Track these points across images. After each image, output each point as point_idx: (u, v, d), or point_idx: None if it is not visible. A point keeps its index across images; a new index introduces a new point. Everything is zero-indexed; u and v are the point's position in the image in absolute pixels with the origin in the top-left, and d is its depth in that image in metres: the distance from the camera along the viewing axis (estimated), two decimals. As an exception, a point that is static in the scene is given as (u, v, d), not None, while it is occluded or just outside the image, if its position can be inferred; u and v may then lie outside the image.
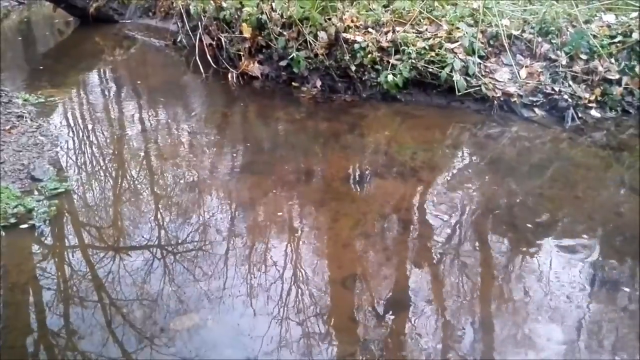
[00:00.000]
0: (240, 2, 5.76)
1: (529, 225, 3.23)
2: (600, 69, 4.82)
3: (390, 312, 2.62)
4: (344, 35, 5.19)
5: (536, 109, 4.76)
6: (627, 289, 2.72)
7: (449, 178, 3.85)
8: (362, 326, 2.53)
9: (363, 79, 5.19)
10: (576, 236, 3.15)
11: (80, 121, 4.94)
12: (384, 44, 5.09)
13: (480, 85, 4.82)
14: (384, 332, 2.49)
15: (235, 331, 2.46)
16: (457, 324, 2.53)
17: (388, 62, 5.03)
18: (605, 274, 2.83)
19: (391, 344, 2.44)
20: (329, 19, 5.27)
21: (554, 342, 2.41)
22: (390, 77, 4.93)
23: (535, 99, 4.79)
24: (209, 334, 2.44)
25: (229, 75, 5.71)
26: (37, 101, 5.06)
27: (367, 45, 5.07)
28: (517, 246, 3.05)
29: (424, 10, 5.31)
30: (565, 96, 4.71)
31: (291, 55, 5.34)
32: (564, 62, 4.90)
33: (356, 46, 5.10)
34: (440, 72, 4.83)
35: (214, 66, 5.95)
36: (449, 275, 2.85)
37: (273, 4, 5.54)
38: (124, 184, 3.86)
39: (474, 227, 3.28)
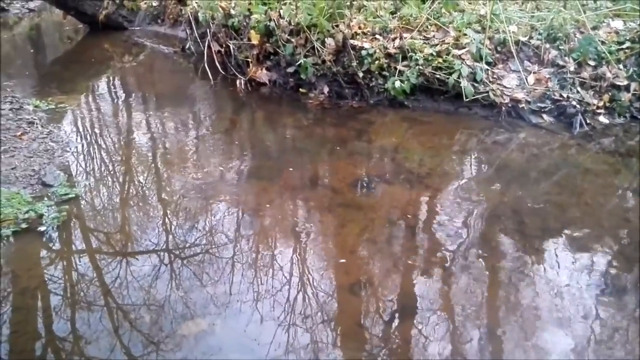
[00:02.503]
0: (249, 10, 5.80)
1: (538, 232, 3.22)
2: (608, 75, 4.81)
3: (398, 318, 2.62)
4: (352, 41, 5.21)
5: (544, 115, 4.75)
6: (636, 295, 2.70)
7: (456, 184, 3.85)
8: (369, 332, 2.53)
9: (370, 85, 5.21)
10: (585, 243, 3.13)
11: (90, 127, 4.99)
12: (392, 51, 5.10)
13: (487, 92, 4.82)
14: (391, 338, 2.49)
15: (242, 337, 2.47)
16: (465, 330, 2.52)
17: (395, 68, 5.04)
18: (614, 280, 2.82)
19: (398, 350, 2.44)
20: (337, 26, 5.30)
21: (563, 348, 2.40)
22: (397, 84, 4.94)
23: (543, 105, 4.78)
24: (216, 339, 2.45)
25: (237, 82, 5.74)
26: (47, 107, 5.12)
27: (375, 52, 5.09)
28: (525, 253, 3.04)
29: (431, 16, 5.32)
30: (574, 102, 4.70)
31: (299, 62, 5.37)
32: (572, 68, 4.90)
33: (363, 53, 5.12)
34: (448, 78, 4.83)
35: (222, 73, 5.99)
36: (456, 281, 2.85)
37: (281, 11, 5.58)
38: (132, 190, 3.89)
39: (482, 233, 3.27)
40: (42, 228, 3.22)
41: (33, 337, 2.49)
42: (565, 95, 4.76)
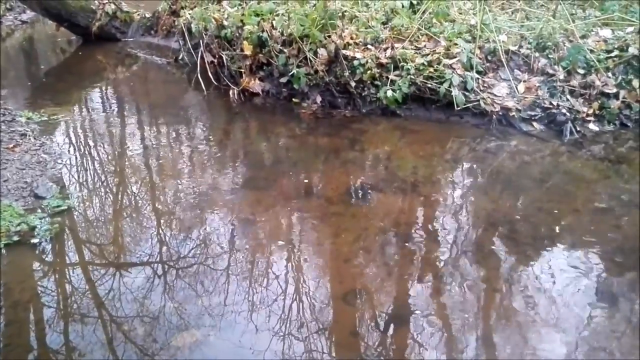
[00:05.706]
0: (241, 20, 5.84)
1: (529, 239, 3.24)
2: (597, 83, 4.87)
3: (392, 327, 2.62)
4: (344, 52, 5.25)
5: (535, 123, 4.80)
6: (627, 302, 2.73)
7: (448, 192, 3.88)
8: (363, 341, 2.54)
9: (363, 94, 5.24)
10: (576, 249, 3.16)
11: (82, 139, 4.98)
12: (383, 60, 5.14)
13: (478, 100, 4.87)
14: (385, 347, 2.49)
15: (237, 347, 2.46)
16: (458, 338, 2.53)
17: (387, 78, 5.08)
18: (605, 287, 2.84)
19: (392, 359, 2.44)
20: (329, 37, 5.34)
21: (555, 355, 2.41)
22: (389, 93, 4.98)
23: (533, 113, 4.83)
24: (211, 350, 2.45)
25: (230, 92, 5.76)
26: (40, 119, 5.11)
27: (367, 62, 5.13)
28: (517, 260, 3.06)
29: (422, 27, 5.38)
30: (564, 110, 4.75)
31: (291, 72, 5.40)
32: (561, 77, 4.96)
33: (356, 62, 5.16)
34: (439, 87, 4.88)
35: (215, 83, 6.01)
36: (449, 289, 2.86)
37: (273, 22, 5.62)
38: (125, 201, 3.89)
39: (474, 241, 3.29)
40: (35, 240, 3.21)
41: (26, 350, 2.48)
42: (555, 103, 4.81)
